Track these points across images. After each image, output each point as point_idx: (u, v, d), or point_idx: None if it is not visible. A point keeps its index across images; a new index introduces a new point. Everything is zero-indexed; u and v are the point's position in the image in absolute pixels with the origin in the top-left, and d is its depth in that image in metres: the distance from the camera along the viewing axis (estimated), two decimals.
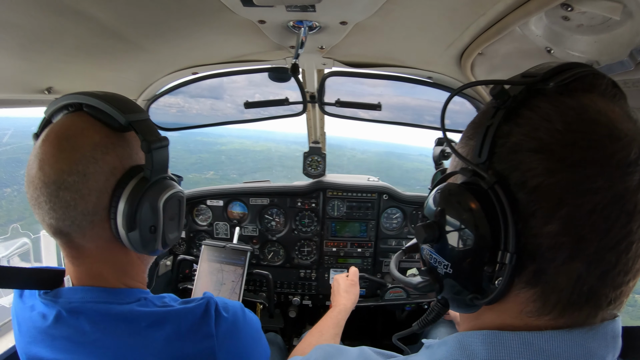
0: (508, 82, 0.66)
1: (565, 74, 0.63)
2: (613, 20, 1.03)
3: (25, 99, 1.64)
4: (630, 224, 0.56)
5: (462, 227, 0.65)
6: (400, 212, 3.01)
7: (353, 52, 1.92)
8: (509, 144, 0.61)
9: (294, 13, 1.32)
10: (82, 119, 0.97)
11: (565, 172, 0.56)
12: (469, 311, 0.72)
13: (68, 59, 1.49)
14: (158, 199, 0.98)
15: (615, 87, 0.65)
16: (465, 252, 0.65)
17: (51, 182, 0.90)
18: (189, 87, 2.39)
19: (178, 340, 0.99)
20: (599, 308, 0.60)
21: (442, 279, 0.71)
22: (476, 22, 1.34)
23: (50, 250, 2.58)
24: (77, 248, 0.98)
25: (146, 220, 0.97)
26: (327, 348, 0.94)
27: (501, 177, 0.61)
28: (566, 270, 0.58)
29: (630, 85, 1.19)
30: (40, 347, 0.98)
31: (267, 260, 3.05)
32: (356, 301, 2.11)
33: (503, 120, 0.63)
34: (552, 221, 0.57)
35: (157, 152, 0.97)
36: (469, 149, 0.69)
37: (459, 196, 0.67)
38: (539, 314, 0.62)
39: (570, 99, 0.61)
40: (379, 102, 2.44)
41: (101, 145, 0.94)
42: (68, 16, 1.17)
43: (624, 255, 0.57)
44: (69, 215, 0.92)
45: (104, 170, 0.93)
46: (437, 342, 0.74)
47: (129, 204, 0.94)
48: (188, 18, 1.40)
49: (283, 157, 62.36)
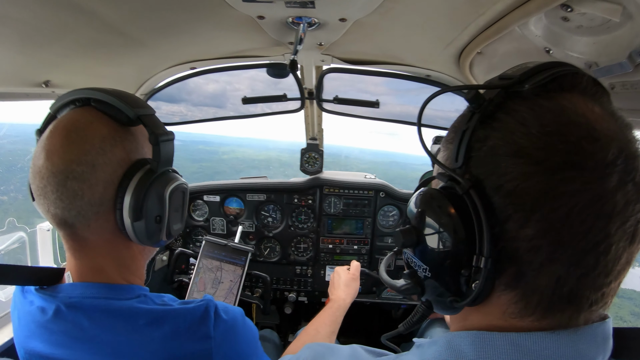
0: (483, 86, 0.66)
1: (542, 75, 0.62)
2: (612, 22, 1.04)
3: (22, 92, 1.63)
4: (609, 226, 0.56)
5: (439, 232, 0.66)
6: (397, 210, 3.02)
7: (352, 49, 1.92)
8: (486, 148, 0.61)
9: (293, 9, 1.31)
10: (90, 113, 0.99)
11: (541, 175, 0.56)
12: (452, 313, 0.73)
13: (66, 53, 1.48)
14: (164, 189, 1.01)
15: (597, 84, 0.65)
16: (442, 256, 0.66)
17: (59, 171, 0.92)
18: (186, 82, 2.38)
19: (176, 339, 0.99)
20: (580, 309, 0.60)
21: (423, 282, 0.72)
22: (476, 22, 1.34)
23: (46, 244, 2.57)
24: (80, 240, 1.00)
25: (152, 210, 1.00)
26: (317, 347, 0.94)
27: (477, 181, 0.61)
28: (545, 272, 0.58)
29: (629, 87, 1.19)
30: (38, 341, 0.99)
31: (263, 257, 3.05)
32: (355, 296, 2.07)
33: (479, 124, 0.63)
34: (528, 225, 0.57)
35: (163, 144, 1.00)
36: (449, 153, 0.69)
37: (435, 201, 0.67)
38: (522, 315, 0.62)
39: (547, 101, 0.60)
40: (377, 100, 2.44)
41: (109, 138, 0.97)
42: (67, 10, 1.16)
43: (602, 258, 0.57)
44: (76, 205, 0.93)
45: (111, 162, 0.96)
46: (428, 342, 0.74)
47: (136, 194, 0.96)
48: (187, 13, 1.39)
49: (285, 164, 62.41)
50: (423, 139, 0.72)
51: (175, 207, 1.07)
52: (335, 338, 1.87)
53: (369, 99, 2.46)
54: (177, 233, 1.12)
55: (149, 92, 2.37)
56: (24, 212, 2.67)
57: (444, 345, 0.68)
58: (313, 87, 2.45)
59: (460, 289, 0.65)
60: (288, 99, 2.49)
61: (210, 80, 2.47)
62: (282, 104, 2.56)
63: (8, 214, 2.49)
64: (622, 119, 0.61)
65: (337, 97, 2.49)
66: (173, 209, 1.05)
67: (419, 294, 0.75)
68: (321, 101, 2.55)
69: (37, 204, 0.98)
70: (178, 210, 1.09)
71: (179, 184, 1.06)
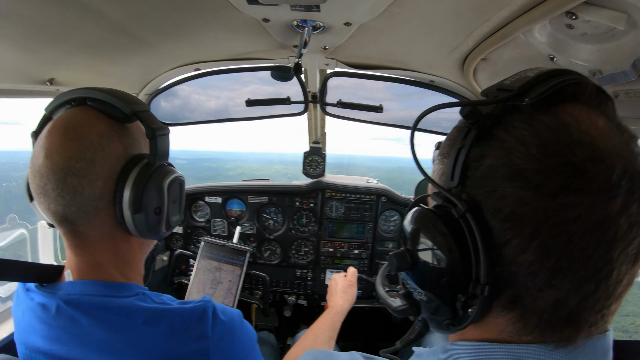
0: (479, 102, 0.62)
1: (543, 86, 0.59)
2: (617, 30, 1.03)
3: (27, 90, 1.64)
4: (611, 252, 0.53)
5: (434, 256, 0.64)
6: (398, 215, 3.01)
7: (356, 53, 1.92)
8: (483, 169, 0.58)
9: (298, 12, 1.32)
10: (86, 112, 1.01)
11: (541, 200, 0.53)
12: (448, 333, 0.71)
13: (71, 51, 1.49)
14: (163, 181, 1.04)
15: (601, 93, 0.61)
16: (437, 281, 0.64)
17: (59, 169, 0.93)
18: (191, 82, 2.39)
19: (172, 338, 0.99)
20: (580, 330, 0.58)
21: (418, 304, 0.71)
22: (480, 28, 1.34)
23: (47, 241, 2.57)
24: (80, 236, 1.01)
25: (151, 202, 1.02)
26: (316, 354, 0.94)
27: (474, 203, 0.59)
28: (544, 296, 0.56)
29: (632, 95, 1.19)
30: (39, 337, 0.99)
31: (264, 259, 3.05)
32: (353, 302, 2.08)
33: (475, 141, 0.60)
34: (527, 251, 0.55)
35: (160, 139, 1.03)
36: (444, 168, 0.66)
37: (430, 223, 0.64)
38: (520, 334, 0.61)
39: (547, 116, 0.57)
40: (381, 105, 2.44)
41: (107, 134, 0.99)
42: (73, 8, 1.17)
43: (603, 283, 0.55)
44: (76, 200, 0.95)
45: (110, 157, 0.98)
46: (427, 351, 0.73)
47: (135, 187, 0.98)
48: (192, 14, 1.40)
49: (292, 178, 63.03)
50: (416, 155, 0.70)
51: (174, 199, 1.09)
52: (335, 343, 1.86)
53: (373, 104, 2.47)
54: (176, 224, 1.14)
55: (153, 92, 2.38)
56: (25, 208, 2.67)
57: (443, 356, 0.68)
58: (317, 90, 2.45)
59: (456, 314, 0.63)
60: (292, 102, 2.50)
61: (214, 82, 2.48)
62: (285, 107, 2.56)
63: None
64: (627, 131, 0.59)
65: (341, 101, 2.50)
66: (171, 200, 1.08)
67: (415, 314, 0.74)
68: (325, 105, 2.56)
69: (36, 203, 1.00)
70: (176, 201, 1.12)
71: (177, 176, 1.08)
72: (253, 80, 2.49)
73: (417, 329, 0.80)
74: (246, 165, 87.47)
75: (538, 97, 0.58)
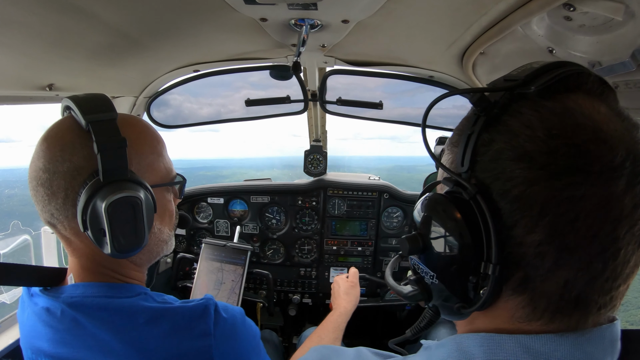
0: (488, 89, 0.65)
1: (548, 76, 0.61)
2: (615, 21, 1.03)
3: (26, 96, 1.64)
4: (617, 230, 0.55)
5: (446, 238, 0.65)
6: (401, 211, 3.01)
7: (355, 50, 1.92)
8: (491, 153, 0.61)
9: (295, 11, 1.32)
10: (66, 120, 1.03)
11: (547, 180, 0.55)
12: (459, 319, 0.73)
13: (70, 56, 1.49)
14: (103, 202, 0.92)
15: (603, 83, 0.64)
16: (449, 263, 0.66)
17: (32, 178, 0.98)
18: (190, 84, 2.39)
19: (174, 336, 0.99)
20: (588, 313, 0.60)
21: (430, 289, 0.72)
22: (478, 22, 1.34)
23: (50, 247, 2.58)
24: (65, 239, 1.04)
25: (94, 222, 0.94)
26: (323, 350, 0.94)
27: (483, 186, 0.61)
28: (553, 277, 0.57)
29: (632, 85, 1.19)
30: (44, 340, 1.00)
31: (267, 259, 3.05)
32: (357, 302, 2.10)
33: (484, 127, 0.62)
34: (535, 230, 0.56)
35: (110, 153, 0.94)
36: (454, 157, 0.69)
37: (441, 207, 0.66)
38: (530, 319, 0.62)
39: (552, 103, 0.59)
40: (380, 101, 2.44)
41: (69, 146, 0.97)
42: (70, 14, 1.17)
43: (611, 262, 0.56)
44: (47, 209, 0.98)
45: (69, 170, 0.96)
46: (436, 344, 0.74)
47: (82, 204, 0.93)
48: (190, 15, 1.40)
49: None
50: (428, 143, 0.72)
51: (123, 221, 0.95)
52: (340, 342, 1.87)
53: (373, 101, 2.47)
54: (132, 247, 0.99)
55: (153, 95, 2.38)
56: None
57: (453, 348, 0.68)
58: (316, 88, 2.45)
59: (467, 295, 0.65)
60: (291, 101, 2.50)
61: (214, 83, 2.48)
62: (285, 106, 2.56)
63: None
64: (629, 119, 0.60)
65: (340, 98, 2.50)
66: (118, 222, 0.94)
67: (426, 299, 0.75)
68: (324, 103, 2.56)
69: None
70: (128, 223, 0.97)
71: (122, 197, 0.93)
72: (252, 80, 2.49)
73: (428, 317, 0.81)
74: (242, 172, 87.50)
75: (543, 85, 0.60)
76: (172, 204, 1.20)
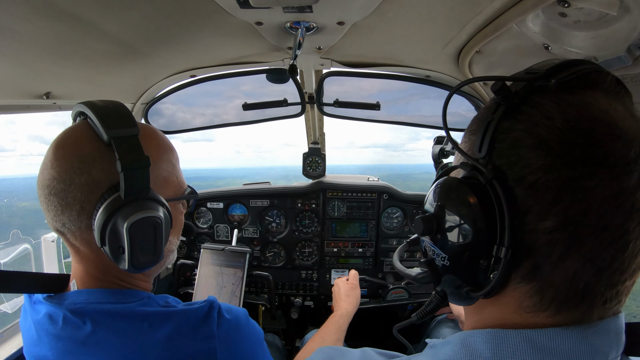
0: (510, 78, 0.66)
1: (568, 71, 0.63)
2: (610, 16, 1.03)
3: (23, 105, 1.64)
4: (627, 223, 0.56)
5: (460, 221, 0.66)
6: (401, 212, 3.01)
7: (351, 52, 1.92)
8: (509, 140, 0.62)
9: (291, 14, 1.32)
10: (83, 129, 0.98)
11: (563, 169, 0.56)
12: (467, 304, 0.73)
13: (66, 64, 1.49)
14: (125, 221, 0.92)
15: (620, 84, 0.65)
16: (462, 245, 0.67)
17: (45, 186, 0.95)
18: (187, 89, 2.39)
19: (179, 340, 0.99)
20: (594, 306, 0.61)
21: (440, 271, 0.73)
22: (473, 20, 1.34)
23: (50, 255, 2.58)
24: (73, 247, 1.02)
25: (113, 239, 0.93)
26: (328, 351, 0.94)
27: (500, 172, 0.62)
28: (561, 266, 0.58)
29: (629, 80, 1.19)
30: (46, 349, 0.99)
31: (268, 262, 3.05)
32: (358, 304, 2.12)
33: (504, 116, 0.63)
34: (548, 217, 0.57)
35: (134, 172, 0.93)
36: (470, 144, 0.70)
37: (457, 190, 0.68)
38: (536, 309, 0.62)
39: (571, 96, 0.61)
40: (378, 102, 2.44)
41: (89, 159, 0.94)
42: (66, 22, 1.17)
43: (619, 254, 0.57)
44: (59, 218, 0.96)
45: (87, 183, 0.94)
46: (441, 342, 0.74)
47: (101, 220, 0.92)
48: (185, 21, 1.40)
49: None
50: (448, 126, 0.74)
51: (142, 240, 0.96)
52: (342, 343, 1.87)
53: (370, 102, 2.47)
54: (148, 265, 1.00)
55: (150, 101, 2.38)
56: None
57: (458, 345, 0.68)
58: (313, 91, 2.45)
59: (477, 279, 0.66)
60: (289, 104, 2.50)
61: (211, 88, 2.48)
62: (283, 109, 2.56)
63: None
64: None
65: (338, 100, 2.50)
66: (138, 241, 0.94)
67: (435, 282, 0.76)
68: (322, 105, 2.56)
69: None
70: (148, 242, 0.97)
71: (145, 217, 0.94)
72: (249, 84, 2.49)
73: (435, 301, 0.81)
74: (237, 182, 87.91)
75: (564, 79, 0.62)
76: (182, 215, 1.20)
